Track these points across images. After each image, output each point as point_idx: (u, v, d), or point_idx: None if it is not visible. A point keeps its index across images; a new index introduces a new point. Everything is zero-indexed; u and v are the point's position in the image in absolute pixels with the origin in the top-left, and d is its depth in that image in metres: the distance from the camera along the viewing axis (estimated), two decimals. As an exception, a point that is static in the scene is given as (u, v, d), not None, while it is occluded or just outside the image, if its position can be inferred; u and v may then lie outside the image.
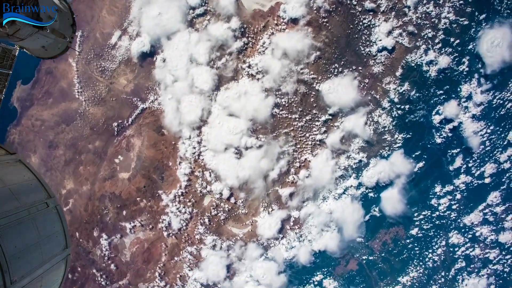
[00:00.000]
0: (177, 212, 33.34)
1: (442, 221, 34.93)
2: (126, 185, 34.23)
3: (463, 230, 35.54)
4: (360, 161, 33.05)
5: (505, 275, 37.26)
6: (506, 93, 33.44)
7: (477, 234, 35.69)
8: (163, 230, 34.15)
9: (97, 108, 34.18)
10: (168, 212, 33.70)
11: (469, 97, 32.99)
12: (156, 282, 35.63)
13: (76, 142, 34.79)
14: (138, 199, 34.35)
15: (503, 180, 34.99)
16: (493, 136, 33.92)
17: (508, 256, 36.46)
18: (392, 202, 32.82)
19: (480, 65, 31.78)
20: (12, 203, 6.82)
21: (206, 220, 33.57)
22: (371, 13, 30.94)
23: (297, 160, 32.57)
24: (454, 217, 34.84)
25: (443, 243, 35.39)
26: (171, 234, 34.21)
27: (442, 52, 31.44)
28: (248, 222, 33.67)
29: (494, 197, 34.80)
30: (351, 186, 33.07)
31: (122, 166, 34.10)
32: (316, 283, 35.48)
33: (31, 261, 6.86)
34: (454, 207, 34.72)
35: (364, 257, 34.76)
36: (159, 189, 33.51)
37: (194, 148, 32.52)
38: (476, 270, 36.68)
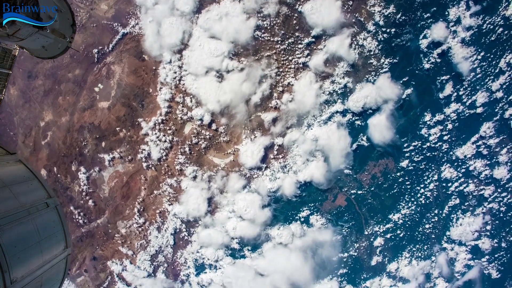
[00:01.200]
0: (157, 141, 32.55)
1: (433, 153, 33.81)
2: (106, 115, 33.62)
3: (455, 164, 34.35)
4: (346, 86, 32.30)
5: (501, 215, 35.60)
6: (496, 18, 32.77)
7: (471, 168, 34.49)
8: (143, 161, 33.27)
9: (77, 35, 33.84)
10: (148, 142, 32.97)
11: (458, 21, 32.43)
12: (135, 219, 34.49)
13: (56, 71, 34.41)
14: (117, 129, 33.67)
15: (496, 110, 33.89)
16: (484, 63, 33.18)
17: (504, 194, 34.96)
18: (380, 129, 31.92)
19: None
20: (12, 203, 6.92)
21: (187, 149, 32.71)
22: None
23: (280, 84, 31.95)
24: (445, 149, 33.74)
25: (435, 177, 34.18)
26: (150, 166, 33.32)
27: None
28: (230, 151, 32.78)
29: (487, 128, 33.83)
30: (337, 112, 32.14)
31: (102, 95, 33.57)
32: (302, 219, 34.07)
33: (31, 261, 6.95)
34: (445, 138, 33.66)
35: (352, 191, 33.60)
36: (139, 117, 32.70)
37: (175, 72, 32.04)
38: (471, 208, 35.25)
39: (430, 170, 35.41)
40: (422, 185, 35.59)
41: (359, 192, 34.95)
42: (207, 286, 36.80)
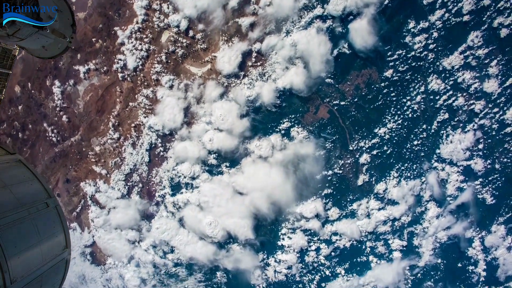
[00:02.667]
0: (133, 49, 32.33)
1: (419, 63, 33.19)
2: (82, 26, 33.54)
3: (443, 75, 33.61)
4: (325, -11, 31.89)
5: (493, 133, 34.24)
6: None
7: (459, 80, 33.73)
8: (118, 72, 33.06)
9: None
10: (124, 51, 32.60)
11: None
12: (110, 134, 33.63)
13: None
14: (93, 39, 33.39)
15: (484, 19, 33.09)
16: (468, -31, 32.67)
17: (495, 110, 33.78)
18: (361, 33, 31.67)
19: None
20: (12, 203, 7.07)
21: (163, 58, 32.47)
22: None
23: (258, -13, 31.73)
24: (432, 59, 33.14)
25: (422, 89, 33.39)
26: (126, 77, 32.93)
27: None
28: (207, 59, 32.26)
29: (475, 37, 32.99)
30: (317, 17, 31.59)
31: (78, 6, 33.63)
32: (283, 132, 32.94)
33: (31, 261, 7.10)
34: (431, 47, 33.12)
35: (335, 102, 32.66)
36: (115, 26, 32.44)
37: (152, -21, 31.98)
38: (461, 124, 34.00)
39: (416, 81, 34.51)
40: (408, 97, 34.61)
41: (342, 103, 34.03)
42: (183, 206, 35.24)
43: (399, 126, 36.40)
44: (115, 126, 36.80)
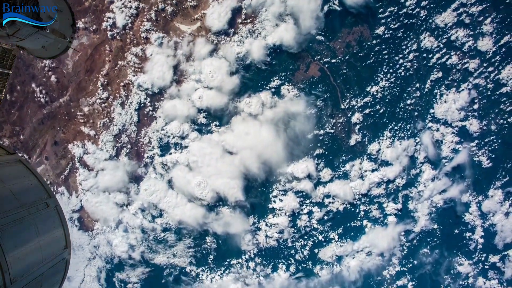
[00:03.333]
0: (123, 7, 32.20)
1: (411, 20, 33.16)
2: None
3: (436, 33, 33.59)
4: None
5: (488, 93, 33.84)
6: None
7: (453, 38, 33.69)
8: (108, 30, 32.89)
9: None
10: (113, 9, 32.49)
11: None
12: (98, 94, 33.43)
13: None
14: None
15: None
16: None
17: (490, 69, 33.43)
18: None
19: None
20: (12, 203, 7.16)
21: (153, 15, 32.28)
22: None
23: None
24: (424, 16, 33.08)
25: (415, 46, 33.31)
26: (115, 35, 32.92)
27: None
28: (197, 17, 32.16)
29: None
30: None
31: None
32: (273, 90, 32.63)
33: (31, 261, 7.18)
34: (423, 3, 33.57)
35: (326, 60, 32.38)
36: None
37: None
38: (455, 84, 33.64)
39: (408, 39, 34.36)
40: (400, 55, 34.42)
41: (333, 61, 33.87)
42: (172, 167, 34.71)
43: (392, 85, 36.06)
44: (104, 85, 36.63)
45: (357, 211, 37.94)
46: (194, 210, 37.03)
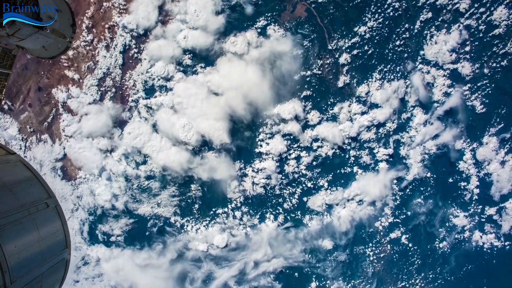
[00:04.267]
0: None
1: None
2: None
3: None
4: None
5: (481, 35, 33.58)
6: None
7: None
8: None
9: None
10: None
11: None
12: (83, 37, 33.39)
13: None
14: None
15: None
16: None
17: (482, 10, 33.21)
18: None
19: None
20: (12, 203, 7.28)
21: None
22: None
23: None
24: None
25: None
26: None
27: None
28: None
29: None
30: None
31: None
32: (259, 30, 32.51)
33: (31, 261, 7.30)
34: None
35: (312, 0, 32.08)
36: None
37: None
38: (445, 25, 33.26)
39: (396, -21, 33.83)
40: (388, -5, 33.82)
41: (320, 1, 33.47)
42: (157, 109, 34.22)
43: (380, 25, 35.74)
44: (88, 28, 36.55)
45: (347, 156, 37.05)
46: (178, 155, 36.30)
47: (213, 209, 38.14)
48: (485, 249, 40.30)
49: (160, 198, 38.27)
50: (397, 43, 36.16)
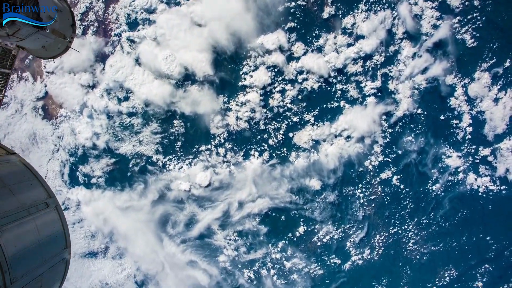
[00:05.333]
0: None
1: None
2: None
3: None
4: None
5: None
6: None
7: None
8: None
9: None
10: None
11: None
12: None
13: None
14: None
15: None
16: None
17: None
18: None
19: None
20: (12, 203, 7.39)
21: None
22: None
23: None
24: None
25: None
26: None
27: None
28: None
29: None
30: None
31: None
32: None
33: (31, 261, 7.39)
34: None
35: None
36: None
37: None
38: None
39: None
40: None
41: None
42: (139, 42, 34.00)
43: (365, -44, 35.46)
44: (73, -37, 36.70)
45: (333, 90, 36.32)
46: (161, 88, 35.86)
47: (196, 146, 37.31)
48: (480, 193, 38.87)
49: (142, 135, 37.57)
50: (383, -27, 35.95)
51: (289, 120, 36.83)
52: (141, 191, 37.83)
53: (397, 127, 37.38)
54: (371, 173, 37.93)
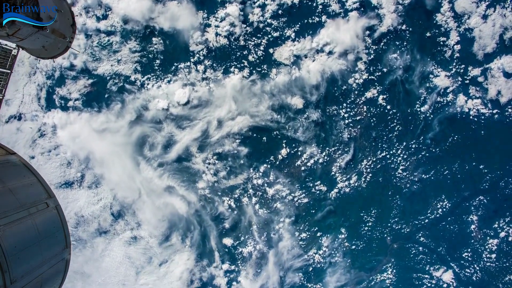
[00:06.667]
0: None
1: None
2: None
3: None
4: None
5: None
6: None
7: None
8: None
9: None
10: None
11: None
12: None
13: None
14: None
15: None
16: None
17: None
18: None
19: None
20: (12, 203, 7.54)
21: None
22: None
23: None
24: None
25: None
26: None
27: None
28: None
29: None
30: None
31: None
32: None
33: (31, 261, 7.54)
34: None
35: None
36: None
37: None
38: None
39: None
40: None
41: None
42: None
43: None
44: None
45: (315, 5, 35.85)
46: (139, 3, 35.72)
47: (175, 64, 36.82)
48: (471, 117, 37.59)
49: (120, 54, 37.23)
50: None
51: (270, 36, 36.34)
52: (118, 111, 37.14)
53: (381, 43, 36.69)
54: (356, 92, 36.93)
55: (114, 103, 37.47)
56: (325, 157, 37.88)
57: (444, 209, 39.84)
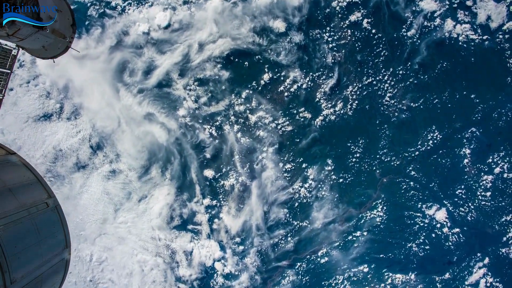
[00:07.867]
0: None
1: None
2: None
3: None
4: None
5: None
6: None
7: None
8: None
9: None
10: None
11: None
12: None
13: None
14: None
15: None
16: None
17: None
18: None
19: None
20: (12, 203, 7.58)
21: None
22: None
23: None
24: None
25: None
26: None
27: None
28: None
29: None
30: None
31: None
32: None
33: (31, 261, 7.62)
34: None
35: None
36: None
37: None
38: None
39: None
40: None
41: None
42: None
43: None
44: None
45: None
46: None
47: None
48: (460, 43, 36.85)
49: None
50: None
51: (252, -42, 36.37)
52: (98, 36, 36.88)
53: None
54: (339, 15, 36.44)
55: (94, 28, 37.32)
56: (309, 83, 37.09)
57: (435, 141, 38.52)
